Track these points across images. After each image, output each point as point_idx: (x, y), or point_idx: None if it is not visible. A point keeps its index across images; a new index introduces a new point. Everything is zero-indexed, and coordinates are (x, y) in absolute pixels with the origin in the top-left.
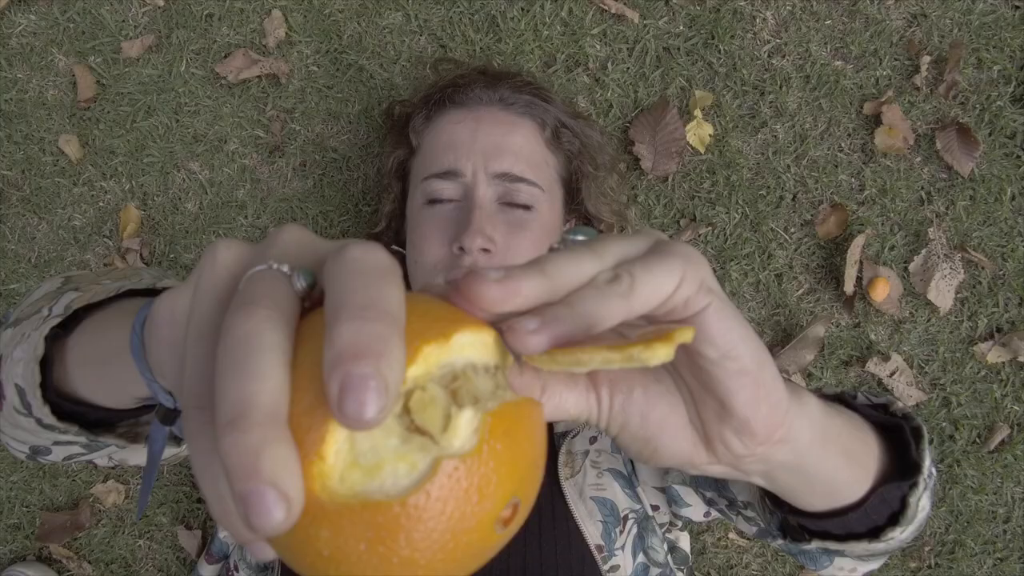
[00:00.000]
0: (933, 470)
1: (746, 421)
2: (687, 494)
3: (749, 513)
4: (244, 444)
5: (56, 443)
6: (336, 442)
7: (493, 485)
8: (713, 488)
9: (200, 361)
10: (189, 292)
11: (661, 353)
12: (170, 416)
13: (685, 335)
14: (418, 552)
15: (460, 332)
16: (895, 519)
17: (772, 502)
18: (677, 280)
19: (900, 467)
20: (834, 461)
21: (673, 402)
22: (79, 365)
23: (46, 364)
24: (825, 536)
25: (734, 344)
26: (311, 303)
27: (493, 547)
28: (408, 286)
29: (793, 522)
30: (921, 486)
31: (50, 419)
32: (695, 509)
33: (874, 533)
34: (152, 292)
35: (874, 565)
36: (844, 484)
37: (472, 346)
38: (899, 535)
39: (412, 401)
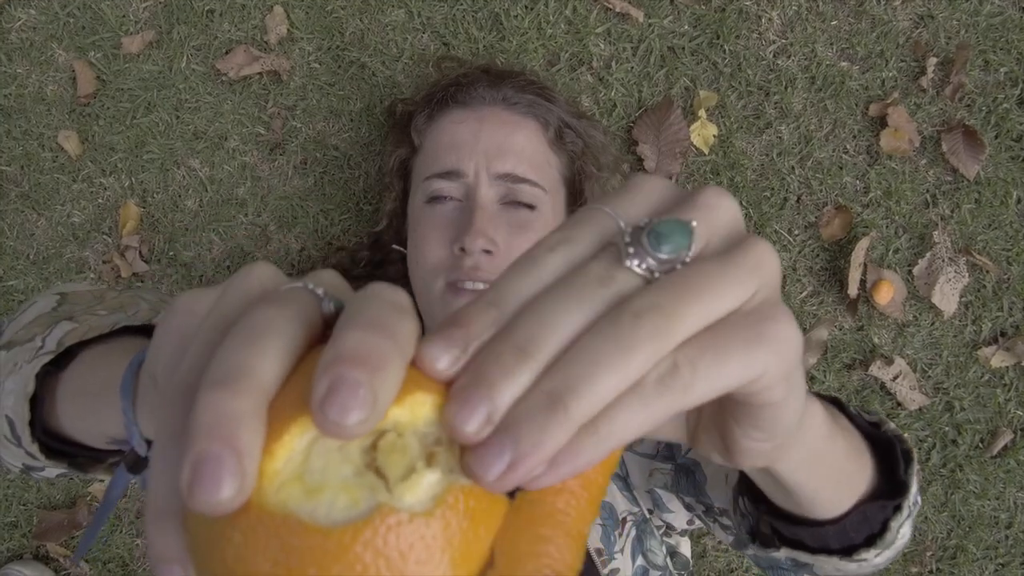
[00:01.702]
0: (918, 498)
1: (739, 463)
2: (669, 500)
3: (725, 521)
4: (227, 406)
5: (48, 466)
6: (292, 448)
7: (432, 563)
8: (691, 494)
9: (210, 346)
10: (215, 293)
11: None
12: (138, 465)
13: None
14: None
15: None
16: (872, 540)
17: (751, 500)
18: (757, 374)
19: (888, 487)
20: (820, 481)
21: (676, 417)
22: (67, 399)
23: (37, 400)
24: (797, 545)
25: (778, 432)
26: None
27: None
28: (409, 289)
29: (764, 528)
30: (905, 512)
31: (39, 456)
32: (677, 516)
33: (848, 551)
34: (148, 329)
35: None
36: (826, 501)
37: None
38: (872, 558)
39: (382, 440)
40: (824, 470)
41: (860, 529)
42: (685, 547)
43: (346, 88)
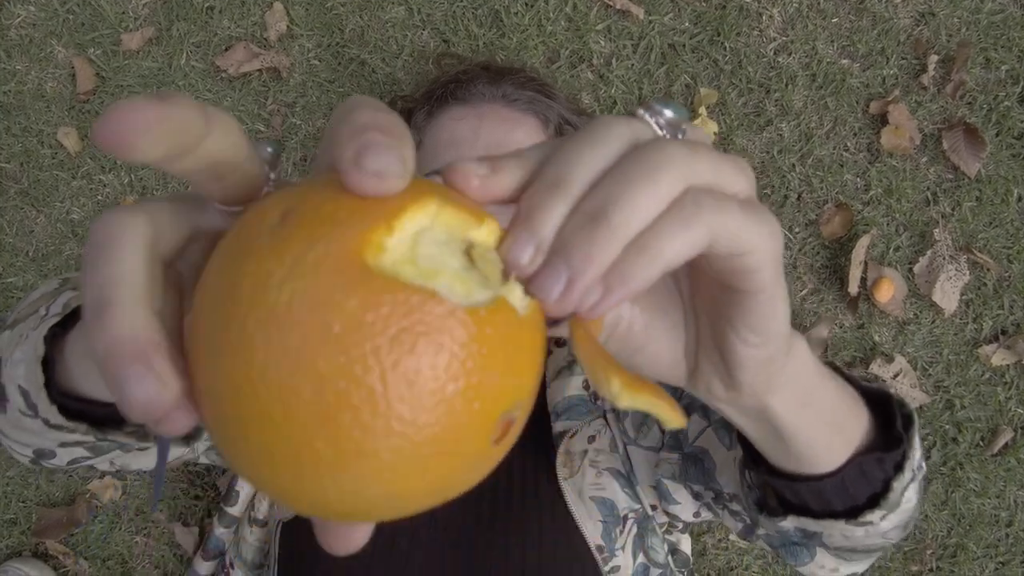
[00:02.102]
0: (923, 464)
1: (740, 383)
2: (676, 490)
3: (735, 506)
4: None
5: (62, 445)
6: (405, 229)
7: (523, 361)
8: (700, 481)
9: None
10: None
11: (667, 416)
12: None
13: (673, 422)
14: (438, 380)
15: None
16: (875, 501)
17: (751, 460)
18: (755, 244)
19: (884, 443)
20: (813, 424)
21: (674, 336)
22: (79, 359)
23: (48, 363)
24: (802, 511)
25: (772, 335)
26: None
27: (476, 461)
28: None
29: (771, 499)
30: (907, 474)
31: (58, 418)
32: (684, 507)
33: (852, 514)
34: None
35: (857, 567)
36: (821, 450)
37: None
38: (878, 520)
39: (474, 251)
40: (816, 411)
41: (859, 485)
42: (686, 544)
43: (346, 85)
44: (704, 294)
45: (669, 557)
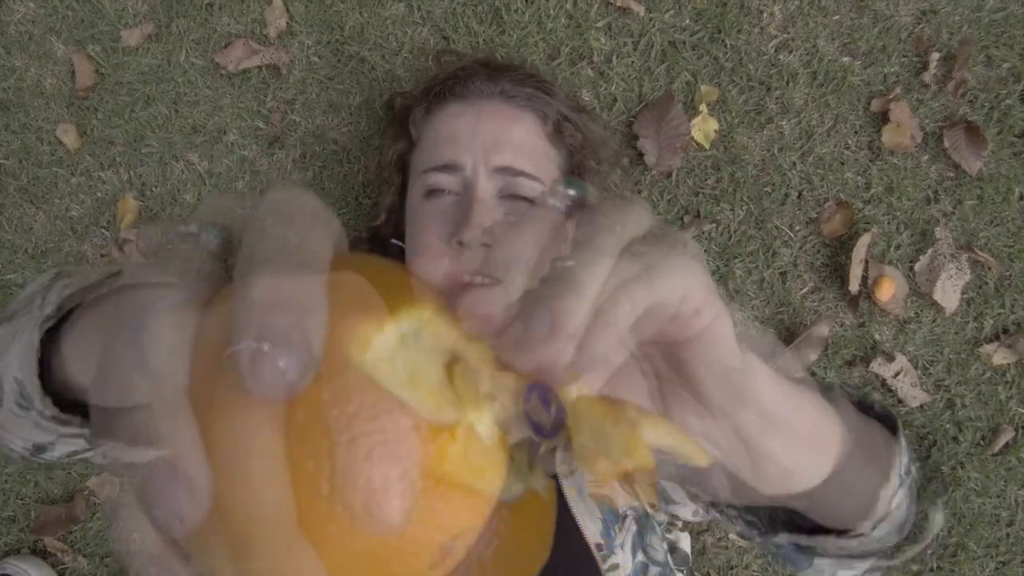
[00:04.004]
0: (912, 468)
1: (709, 402)
2: (675, 490)
3: (731, 511)
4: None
5: (61, 436)
6: (395, 328)
7: (476, 493)
8: (697, 483)
9: None
10: None
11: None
12: None
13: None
14: (385, 494)
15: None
16: (864, 512)
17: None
18: (681, 294)
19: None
20: (790, 441)
21: (634, 382)
22: (76, 360)
23: (44, 356)
24: (792, 527)
25: (731, 353)
26: None
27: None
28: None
29: (763, 515)
30: (894, 481)
31: (52, 410)
32: (683, 508)
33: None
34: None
35: (857, 570)
36: (800, 466)
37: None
38: (869, 531)
39: (456, 367)
40: (790, 426)
41: (844, 499)
42: (684, 542)
43: (345, 82)
44: (655, 345)
45: (668, 555)
